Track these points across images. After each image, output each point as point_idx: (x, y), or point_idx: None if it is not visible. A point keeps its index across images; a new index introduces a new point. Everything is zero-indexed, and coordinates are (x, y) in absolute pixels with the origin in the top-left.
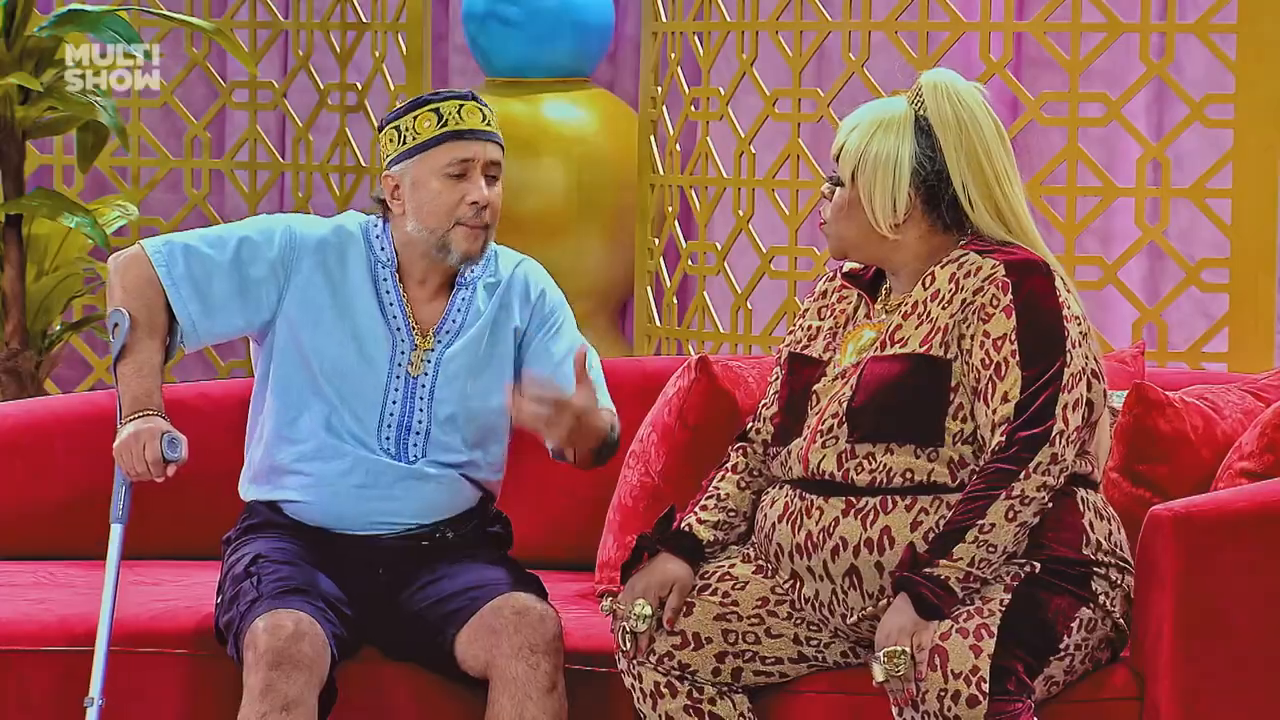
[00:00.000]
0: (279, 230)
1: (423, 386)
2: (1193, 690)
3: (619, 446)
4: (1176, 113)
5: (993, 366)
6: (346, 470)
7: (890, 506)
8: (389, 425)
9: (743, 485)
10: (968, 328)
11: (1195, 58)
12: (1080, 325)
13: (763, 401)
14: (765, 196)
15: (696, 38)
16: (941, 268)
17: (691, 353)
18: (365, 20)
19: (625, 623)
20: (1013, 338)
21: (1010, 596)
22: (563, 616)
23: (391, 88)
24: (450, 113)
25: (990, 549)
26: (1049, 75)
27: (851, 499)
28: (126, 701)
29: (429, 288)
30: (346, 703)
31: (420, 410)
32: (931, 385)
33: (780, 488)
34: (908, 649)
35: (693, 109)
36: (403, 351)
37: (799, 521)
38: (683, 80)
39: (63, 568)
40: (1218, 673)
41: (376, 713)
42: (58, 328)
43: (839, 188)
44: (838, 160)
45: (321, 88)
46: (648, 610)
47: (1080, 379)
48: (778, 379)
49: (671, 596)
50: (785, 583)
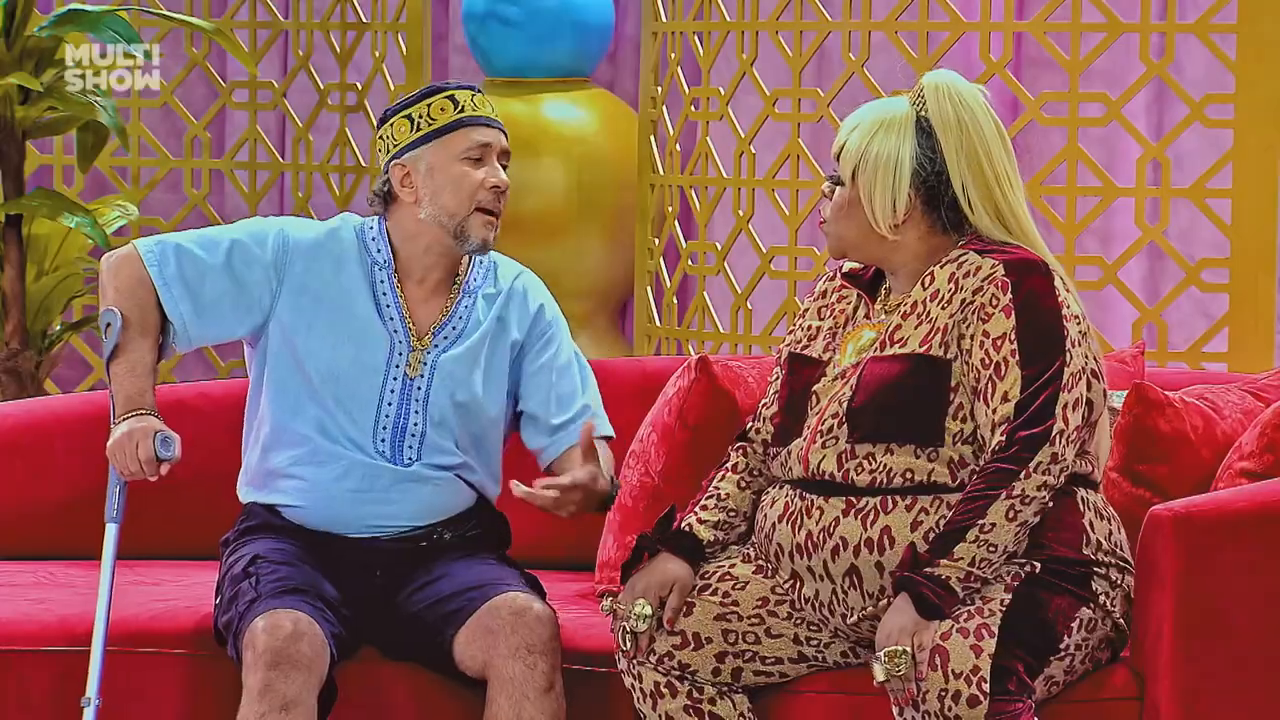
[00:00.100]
0: (272, 233)
1: (418, 389)
2: (1193, 690)
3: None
4: (1176, 113)
5: (992, 366)
6: (341, 474)
7: (890, 506)
8: (384, 428)
9: (743, 485)
10: (967, 327)
11: (1195, 58)
12: (1080, 324)
13: (763, 401)
14: (765, 196)
15: (696, 38)
16: (941, 268)
17: (691, 353)
18: (365, 20)
19: (625, 623)
20: (1012, 337)
21: (1011, 596)
22: (562, 616)
23: (391, 88)
24: (465, 100)
25: (991, 549)
26: (1049, 75)
27: (852, 499)
28: (126, 701)
29: (427, 286)
30: (346, 702)
31: (416, 413)
32: (931, 385)
33: (780, 488)
34: (908, 649)
35: (693, 109)
36: (400, 353)
37: (799, 521)
38: (683, 80)
39: (63, 568)
40: (1218, 673)
41: (376, 712)
42: (58, 328)
43: (839, 187)
44: (838, 159)
45: (321, 88)
46: (648, 610)
47: (1080, 378)
48: (777, 379)
49: (672, 596)
50: (785, 583)
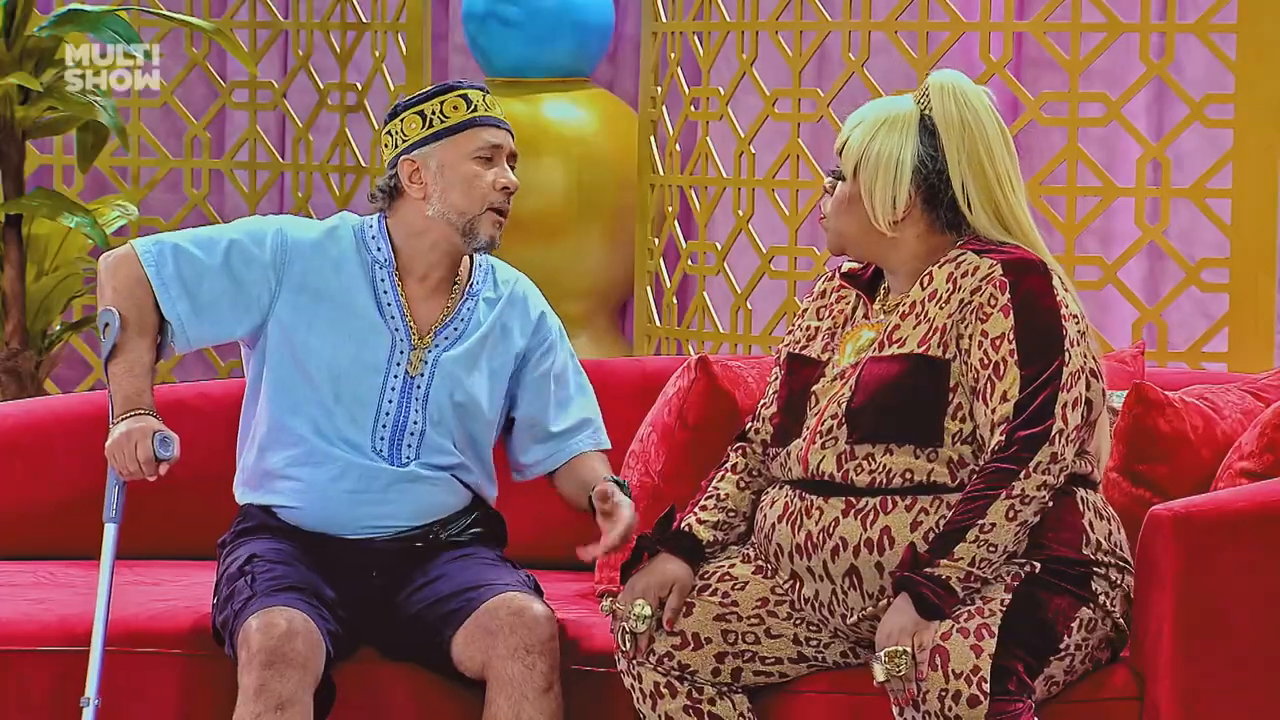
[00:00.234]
0: (270, 232)
1: (418, 387)
2: (1193, 690)
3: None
4: (1176, 113)
5: (991, 366)
6: (338, 475)
7: (890, 507)
8: (384, 426)
9: (742, 485)
10: (966, 327)
11: (1195, 58)
12: (1078, 324)
13: (762, 402)
14: (765, 196)
15: (696, 38)
16: (939, 268)
17: (691, 353)
18: (365, 20)
19: (625, 623)
20: (1011, 337)
21: (1010, 596)
22: (562, 616)
23: (391, 88)
24: (478, 99)
25: (991, 548)
26: (1049, 75)
27: (851, 499)
28: (125, 701)
29: (429, 285)
30: (345, 702)
31: (416, 411)
32: (930, 385)
33: (780, 488)
34: (909, 649)
35: (693, 109)
36: (401, 351)
37: (799, 522)
38: (683, 80)
39: (62, 567)
40: (1218, 673)
41: (375, 712)
42: (58, 328)
43: (840, 182)
44: (840, 155)
45: (321, 88)
46: (647, 610)
47: (1079, 378)
48: (777, 379)
49: (671, 597)
50: (785, 583)
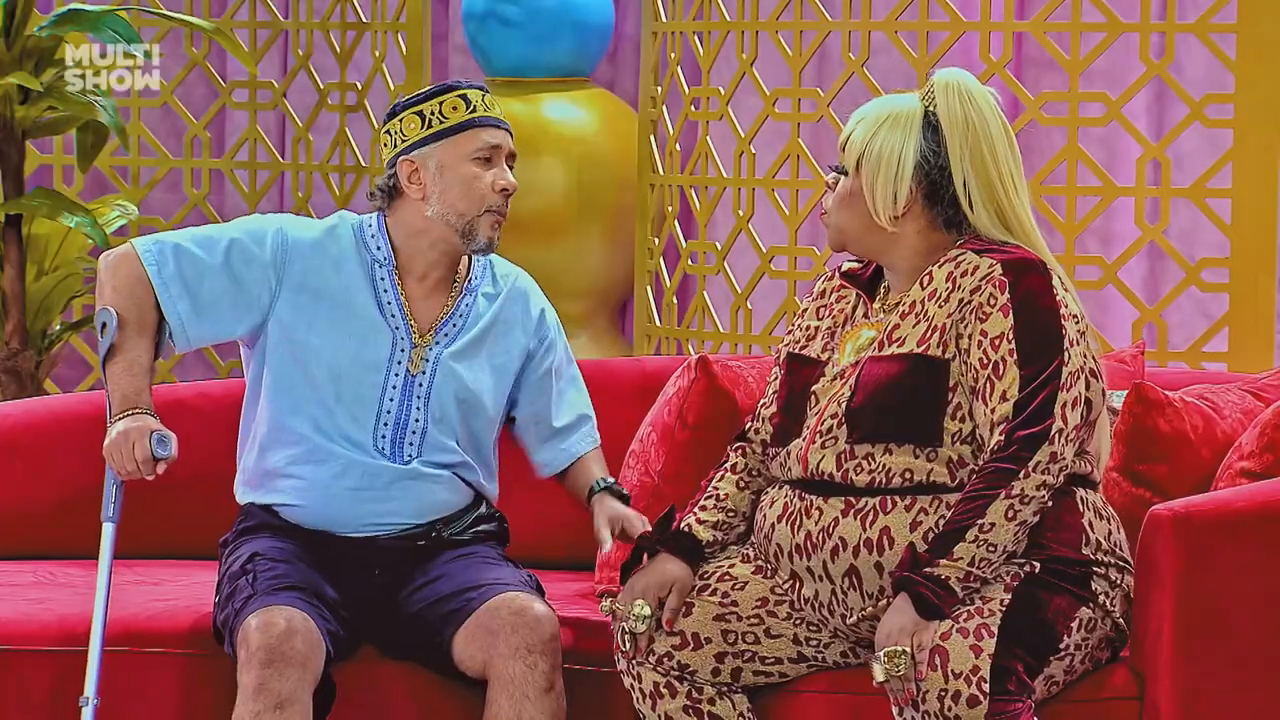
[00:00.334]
0: (270, 232)
1: (420, 385)
2: (1193, 690)
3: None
4: (1176, 113)
5: (991, 365)
6: (340, 472)
7: (889, 507)
8: (385, 424)
9: (742, 485)
10: (965, 327)
11: (1195, 58)
12: (1078, 324)
13: (761, 401)
14: (765, 196)
15: (696, 38)
16: (939, 267)
17: (691, 352)
18: (365, 20)
19: (625, 623)
20: (1010, 336)
21: (1010, 596)
22: (562, 616)
23: (391, 88)
24: (477, 100)
25: (990, 548)
26: (1049, 75)
27: (851, 499)
28: (125, 701)
29: (428, 283)
30: (345, 701)
31: (417, 409)
32: (930, 385)
33: (779, 488)
34: (908, 649)
35: (693, 109)
36: (402, 349)
37: (798, 522)
38: (683, 80)
39: (62, 567)
40: (1218, 673)
41: (375, 712)
42: (58, 328)
43: (842, 177)
44: (844, 150)
45: (321, 88)
46: (647, 611)
47: (1079, 377)
48: (776, 379)
49: (671, 597)
50: (785, 583)
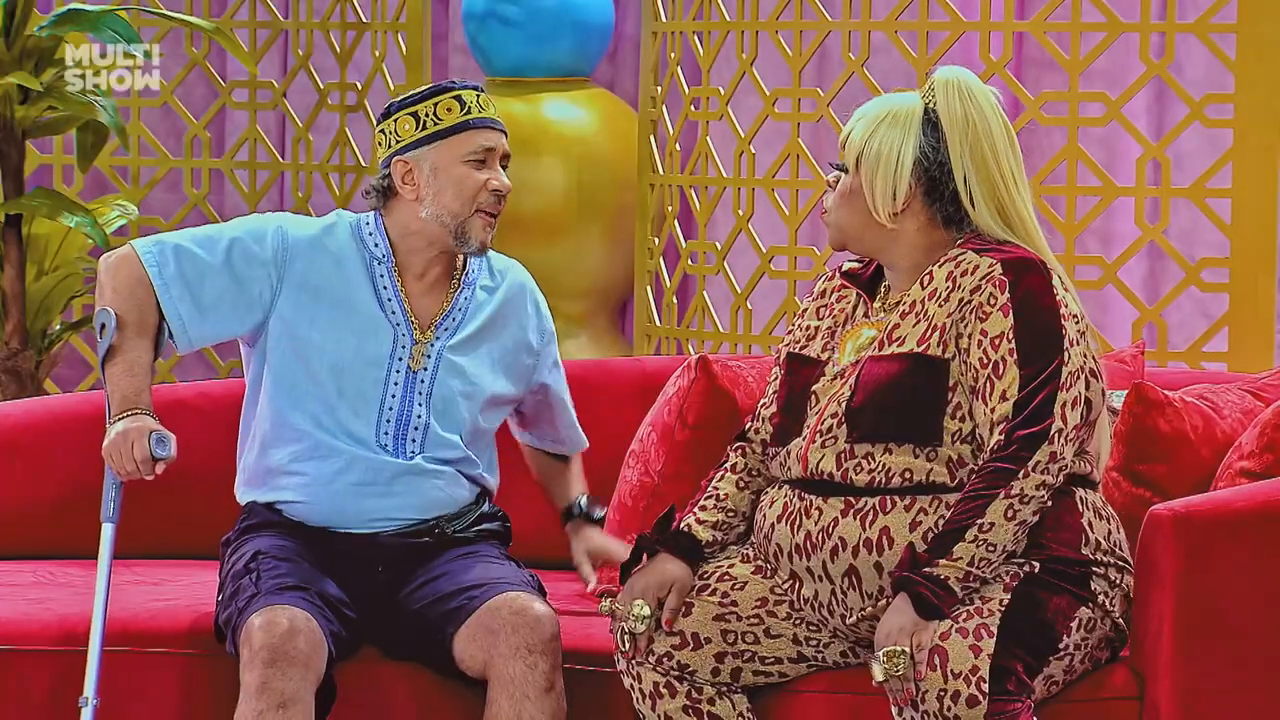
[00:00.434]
0: (270, 230)
1: (422, 381)
2: (1193, 690)
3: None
4: (1176, 113)
5: (990, 365)
6: (343, 468)
7: (889, 507)
8: (388, 420)
9: (742, 485)
10: (965, 326)
11: (1195, 58)
12: (1078, 324)
13: (762, 401)
14: (765, 196)
15: (696, 37)
16: (939, 266)
17: (691, 352)
18: (365, 20)
19: (624, 623)
20: (1010, 336)
21: (1010, 596)
22: (562, 616)
23: (391, 88)
24: (472, 101)
25: (990, 548)
26: (1049, 75)
27: (850, 499)
28: (126, 701)
29: (427, 280)
30: (346, 701)
31: (419, 405)
32: (929, 385)
33: (779, 488)
34: (907, 649)
35: (693, 109)
36: (403, 346)
37: (798, 522)
38: (683, 80)
39: (62, 567)
40: (1218, 673)
41: (376, 712)
42: (58, 327)
43: (843, 175)
44: (844, 148)
45: (321, 87)
46: (646, 611)
47: (1078, 377)
48: (776, 379)
49: (670, 597)
50: (784, 583)
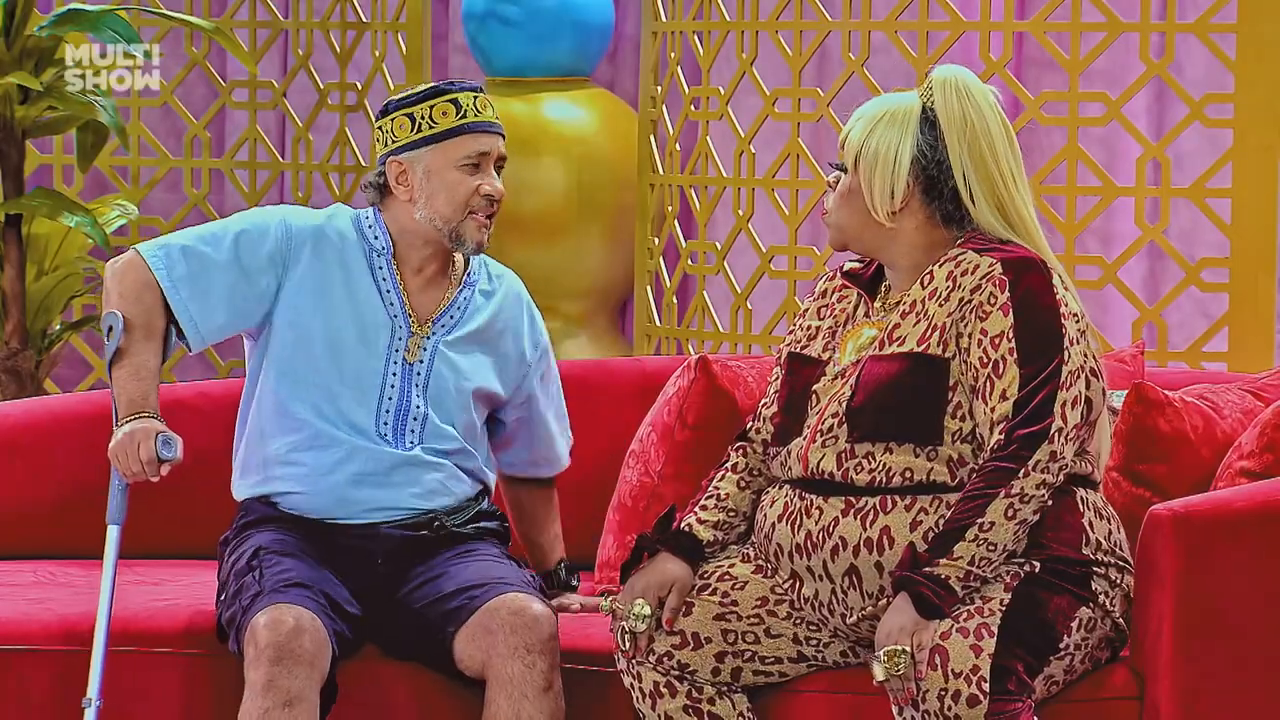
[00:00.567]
0: (274, 223)
1: (418, 374)
2: (1193, 690)
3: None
4: (1176, 113)
5: (991, 364)
6: (343, 458)
7: (890, 506)
8: (387, 410)
9: (742, 485)
10: (965, 326)
11: (1195, 58)
12: (1078, 323)
13: (762, 401)
14: (765, 196)
15: (696, 37)
16: (939, 266)
17: (691, 352)
18: (365, 20)
19: (624, 623)
20: (1010, 335)
21: (1010, 596)
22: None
23: (391, 88)
24: (468, 104)
25: (990, 547)
26: (1049, 75)
27: (851, 499)
28: (128, 701)
29: (425, 275)
30: (346, 701)
31: (417, 396)
32: (930, 384)
33: (780, 487)
34: (908, 648)
35: (693, 109)
36: (400, 338)
37: (799, 521)
38: (683, 80)
39: (63, 567)
40: (1218, 673)
41: (376, 711)
42: (58, 327)
43: (842, 175)
44: (843, 148)
45: (321, 87)
46: (647, 610)
47: (1079, 377)
48: (777, 379)
49: (671, 596)
50: (785, 582)
